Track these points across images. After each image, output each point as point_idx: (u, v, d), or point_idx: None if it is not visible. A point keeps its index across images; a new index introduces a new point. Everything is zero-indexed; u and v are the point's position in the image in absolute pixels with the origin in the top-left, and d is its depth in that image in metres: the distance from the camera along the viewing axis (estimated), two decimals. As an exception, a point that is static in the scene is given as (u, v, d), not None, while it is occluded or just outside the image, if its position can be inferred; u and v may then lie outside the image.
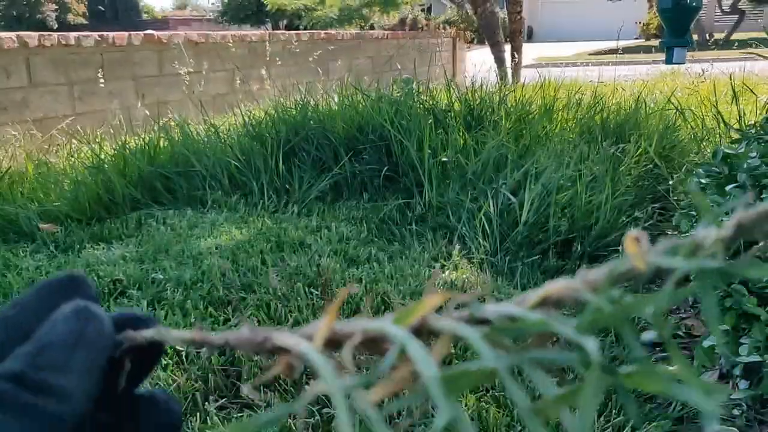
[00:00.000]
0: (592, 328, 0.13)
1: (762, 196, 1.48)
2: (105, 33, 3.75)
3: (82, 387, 0.16)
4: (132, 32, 3.97)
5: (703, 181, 1.60)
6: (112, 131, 3.06)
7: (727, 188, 1.48)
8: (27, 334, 0.17)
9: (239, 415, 1.14)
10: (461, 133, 2.44)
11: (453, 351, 1.22)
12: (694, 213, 1.64)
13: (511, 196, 1.94)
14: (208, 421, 1.11)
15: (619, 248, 1.77)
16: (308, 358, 0.15)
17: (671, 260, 0.14)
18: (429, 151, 2.29)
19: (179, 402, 0.20)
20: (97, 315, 0.17)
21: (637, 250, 0.14)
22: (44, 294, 0.18)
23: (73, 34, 3.52)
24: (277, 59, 4.65)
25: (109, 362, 0.17)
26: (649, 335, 0.14)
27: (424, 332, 0.15)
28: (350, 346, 0.15)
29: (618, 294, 0.14)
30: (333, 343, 0.15)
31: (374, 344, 0.15)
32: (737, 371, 1.26)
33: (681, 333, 1.48)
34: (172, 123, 2.76)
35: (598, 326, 0.13)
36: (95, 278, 1.64)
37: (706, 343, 1.36)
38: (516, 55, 5.87)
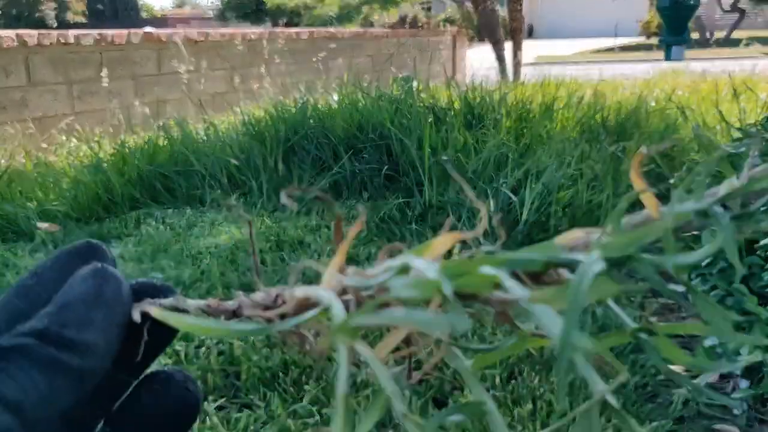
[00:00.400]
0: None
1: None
2: (104, 31, 3.74)
3: (104, 343, 0.16)
4: (131, 31, 3.96)
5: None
6: (111, 130, 3.05)
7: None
8: (48, 301, 0.17)
9: (238, 414, 1.13)
10: (461, 132, 2.43)
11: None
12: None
13: (512, 195, 1.93)
14: (207, 421, 1.11)
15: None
16: (325, 302, 0.15)
17: (685, 204, 0.14)
18: (429, 150, 2.28)
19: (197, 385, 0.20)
20: (114, 275, 0.17)
21: (651, 200, 0.14)
22: (63, 261, 0.19)
23: (72, 33, 3.51)
24: (277, 58, 4.64)
25: (128, 328, 0.17)
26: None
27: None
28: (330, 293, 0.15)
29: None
30: (346, 292, 0.15)
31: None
32: (738, 371, 1.26)
33: (681, 333, 1.47)
34: (172, 122, 2.76)
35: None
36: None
37: (706, 343, 1.35)
38: (516, 53, 5.87)
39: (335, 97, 2.89)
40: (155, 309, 0.17)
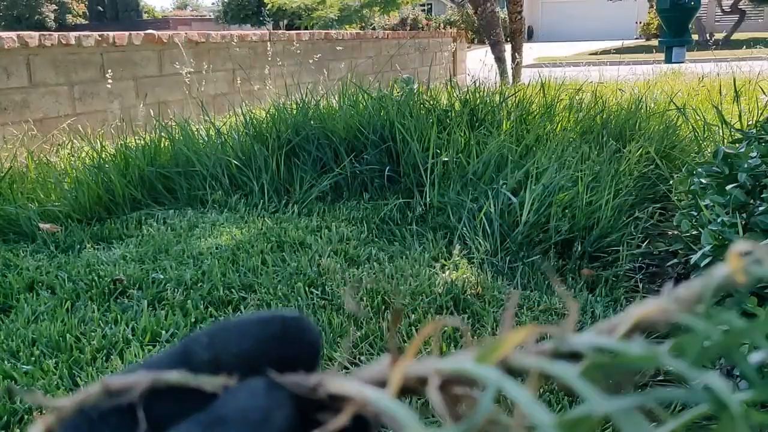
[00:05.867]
0: (704, 359, 0.12)
1: (762, 196, 1.48)
2: (105, 33, 3.75)
3: None
4: (132, 32, 3.97)
5: (703, 181, 1.60)
6: (112, 131, 3.06)
7: (728, 188, 1.48)
8: (233, 364, 0.15)
9: None
10: (462, 133, 2.44)
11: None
12: (695, 213, 1.63)
13: (512, 196, 1.94)
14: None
15: (620, 248, 1.78)
16: (382, 407, 0.13)
17: None
18: (431, 151, 2.29)
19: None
20: (289, 402, 0.14)
21: (738, 262, 0.13)
22: (253, 337, 0.15)
23: (73, 34, 3.52)
24: (278, 59, 4.65)
25: None
26: (757, 357, 0.13)
27: (505, 372, 0.13)
28: (435, 394, 0.12)
29: (720, 315, 0.13)
30: (401, 389, 0.13)
31: (448, 387, 0.13)
32: (738, 371, 1.26)
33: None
34: (173, 123, 2.76)
35: (710, 356, 0.12)
36: (95, 278, 1.64)
37: (704, 343, 1.35)
38: (516, 55, 5.88)
39: (336, 98, 2.90)
40: None
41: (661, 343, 0.13)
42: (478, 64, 5.35)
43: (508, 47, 6.05)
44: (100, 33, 3.72)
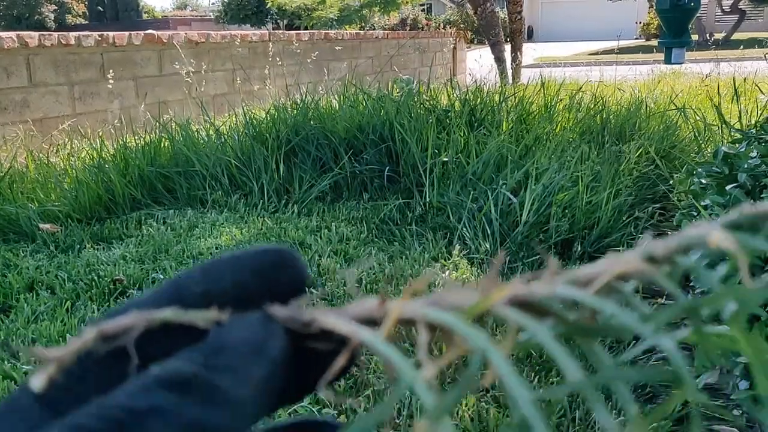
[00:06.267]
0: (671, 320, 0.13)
1: (762, 196, 1.48)
2: (105, 33, 3.75)
3: (256, 401, 0.13)
4: (132, 32, 3.97)
5: (703, 181, 1.60)
6: (112, 131, 3.06)
7: (728, 188, 1.48)
8: (203, 306, 0.15)
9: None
10: (462, 134, 2.44)
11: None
12: (695, 213, 1.63)
13: (512, 197, 1.94)
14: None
15: (620, 248, 1.78)
16: (377, 349, 0.13)
17: (756, 240, 0.13)
18: (430, 151, 2.29)
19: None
20: (282, 333, 0.15)
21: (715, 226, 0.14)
22: (243, 268, 0.16)
23: (73, 34, 3.52)
24: (278, 59, 4.65)
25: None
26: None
27: (485, 323, 0.14)
28: (424, 338, 0.13)
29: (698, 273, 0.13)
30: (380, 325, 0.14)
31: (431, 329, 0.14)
32: (737, 371, 1.26)
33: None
34: (173, 123, 2.76)
35: (675, 317, 0.13)
36: (95, 278, 1.64)
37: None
38: (516, 55, 5.88)
39: (336, 98, 2.90)
40: None
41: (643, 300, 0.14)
42: (477, 63, 5.35)
43: (507, 47, 6.05)
44: (100, 33, 3.72)
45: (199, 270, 0.16)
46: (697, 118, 2.70)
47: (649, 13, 15.72)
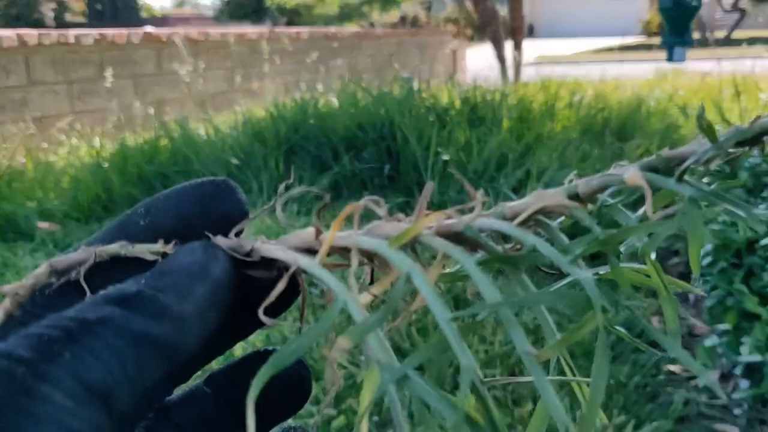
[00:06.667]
0: (585, 252, 0.14)
1: (763, 195, 1.48)
2: (104, 31, 3.74)
3: (201, 320, 0.14)
4: (131, 31, 3.96)
5: (704, 179, 1.59)
6: (111, 130, 3.05)
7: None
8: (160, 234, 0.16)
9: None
10: (462, 132, 2.43)
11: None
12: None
13: (513, 195, 1.93)
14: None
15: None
16: (314, 273, 0.15)
17: (665, 180, 0.15)
18: (430, 150, 2.28)
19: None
20: (226, 257, 0.16)
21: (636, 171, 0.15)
22: (181, 200, 0.17)
23: (72, 33, 3.51)
24: (277, 57, 4.64)
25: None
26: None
27: (415, 249, 0.15)
28: (356, 262, 0.15)
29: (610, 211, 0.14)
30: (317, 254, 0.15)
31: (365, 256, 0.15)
32: (738, 371, 1.26)
33: (682, 332, 1.47)
34: (172, 121, 2.76)
35: (590, 250, 0.14)
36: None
37: (707, 343, 1.35)
38: (517, 53, 5.86)
39: (336, 96, 2.89)
40: None
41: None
42: (478, 61, 5.35)
43: (508, 45, 6.03)
44: (99, 32, 3.71)
45: (143, 206, 0.17)
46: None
47: (649, 10, 15.69)
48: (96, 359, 0.12)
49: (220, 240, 0.16)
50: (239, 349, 0.91)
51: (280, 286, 0.15)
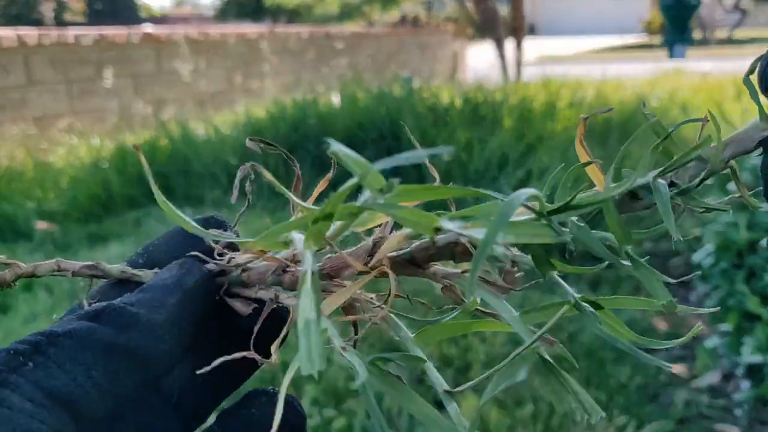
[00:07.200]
0: None
1: (764, 195, 1.47)
2: (104, 31, 3.74)
3: (171, 326, 0.16)
4: (131, 30, 3.96)
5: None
6: (111, 129, 3.05)
7: (730, 186, 1.47)
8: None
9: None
10: (463, 131, 2.42)
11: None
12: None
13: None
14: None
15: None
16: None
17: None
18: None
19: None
20: (201, 270, 0.17)
21: (597, 173, 0.17)
22: (176, 241, 0.19)
23: (72, 33, 3.51)
24: (277, 57, 4.64)
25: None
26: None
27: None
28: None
29: None
30: None
31: None
32: (739, 371, 1.25)
33: (683, 333, 1.46)
34: (171, 121, 2.75)
35: None
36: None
37: (708, 344, 1.35)
38: (518, 52, 5.86)
39: (336, 95, 2.88)
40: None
41: None
42: (479, 61, 5.34)
43: (509, 44, 6.02)
44: (98, 32, 3.71)
45: (143, 248, 0.20)
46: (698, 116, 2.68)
47: (650, 9, 15.68)
48: (60, 368, 0.13)
49: (201, 259, 0.18)
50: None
51: (260, 320, 0.17)
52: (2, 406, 0.12)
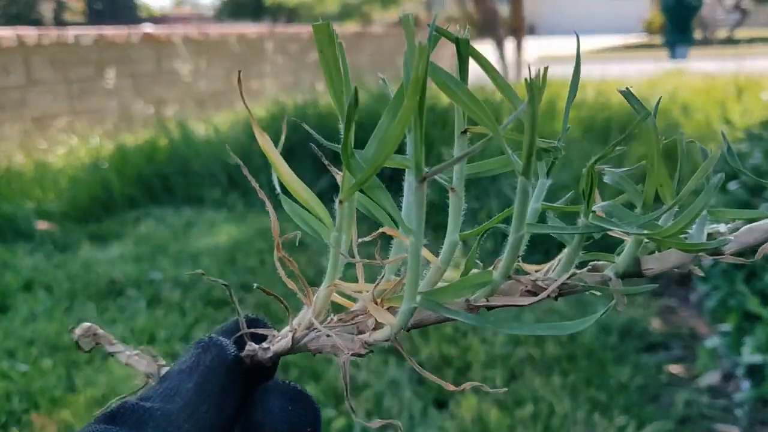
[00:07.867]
0: None
1: (764, 194, 1.47)
2: (104, 31, 3.73)
3: (192, 409, 0.16)
4: (131, 30, 3.96)
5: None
6: (111, 129, 3.04)
7: (730, 186, 1.47)
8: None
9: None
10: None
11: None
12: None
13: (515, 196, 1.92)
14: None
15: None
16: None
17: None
18: (432, 150, 2.28)
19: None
20: (217, 344, 0.18)
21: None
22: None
23: (71, 33, 3.51)
24: (277, 56, 4.63)
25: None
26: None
27: None
28: None
29: None
30: None
31: None
32: (740, 372, 1.25)
33: (683, 333, 1.46)
34: (171, 121, 2.75)
35: None
36: (93, 277, 1.63)
37: (708, 344, 1.34)
38: (518, 52, 5.85)
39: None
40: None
41: None
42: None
43: (509, 43, 6.02)
44: (98, 32, 3.71)
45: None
46: (699, 116, 2.68)
47: (651, 9, 15.66)
48: None
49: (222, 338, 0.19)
50: None
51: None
52: None
